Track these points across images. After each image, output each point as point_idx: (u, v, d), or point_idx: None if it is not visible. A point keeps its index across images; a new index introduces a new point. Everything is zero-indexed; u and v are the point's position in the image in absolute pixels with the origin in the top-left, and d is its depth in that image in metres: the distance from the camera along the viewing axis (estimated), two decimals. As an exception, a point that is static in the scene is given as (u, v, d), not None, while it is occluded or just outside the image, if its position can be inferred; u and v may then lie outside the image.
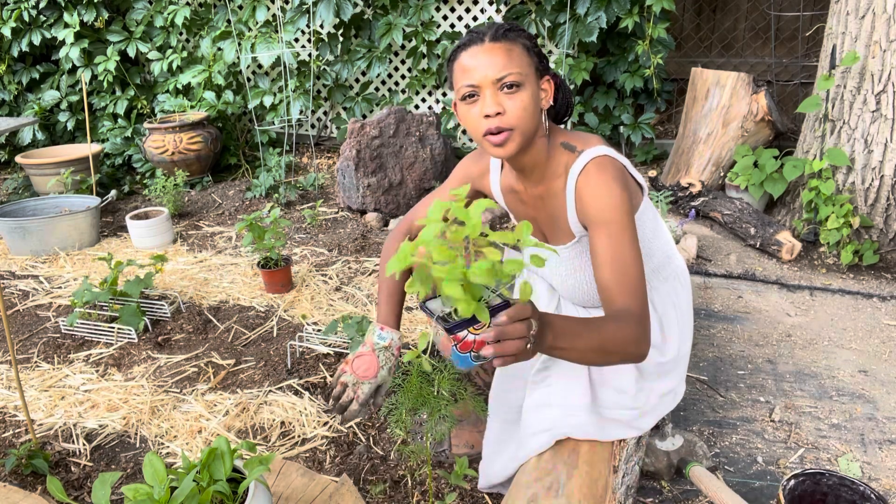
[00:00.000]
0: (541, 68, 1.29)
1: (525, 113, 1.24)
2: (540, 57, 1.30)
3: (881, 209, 2.85)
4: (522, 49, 1.26)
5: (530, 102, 1.24)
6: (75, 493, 1.74)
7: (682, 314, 1.50)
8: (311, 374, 2.19)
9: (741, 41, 4.71)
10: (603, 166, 1.27)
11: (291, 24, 4.05)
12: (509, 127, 1.25)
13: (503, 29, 1.26)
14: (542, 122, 1.31)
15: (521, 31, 1.29)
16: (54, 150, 4.21)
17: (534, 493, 1.30)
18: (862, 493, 1.35)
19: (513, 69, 1.23)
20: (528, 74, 1.25)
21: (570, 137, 1.36)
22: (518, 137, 1.26)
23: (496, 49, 1.24)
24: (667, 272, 1.48)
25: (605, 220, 1.23)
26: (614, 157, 1.31)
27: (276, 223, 2.68)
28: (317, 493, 1.62)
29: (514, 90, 1.24)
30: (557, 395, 1.44)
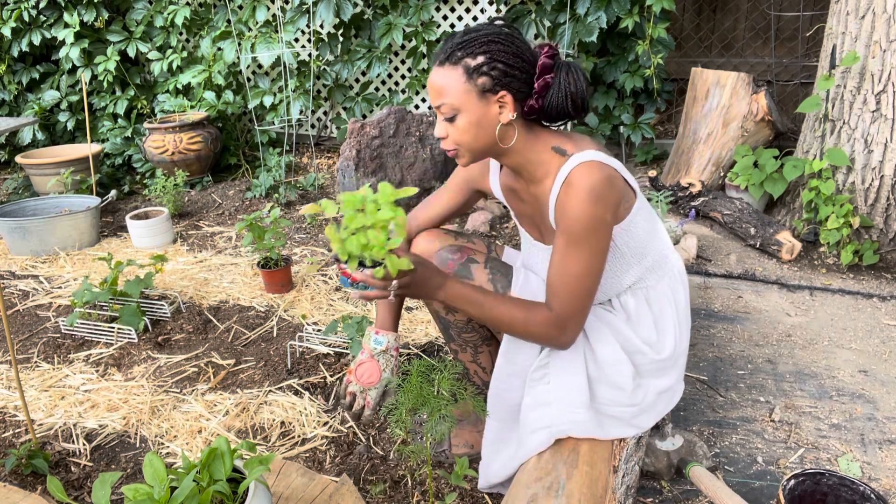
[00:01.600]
0: (493, 86, 1.29)
1: (465, 136, 1.33)
2: (494, 73, 1.28)
3: (881, 209, 2.85)
4: (463, 73, 1.29)
5: (469, 128, 1.31)
6: (75, 493, 1.74)
7: (679, 313, 1.50)
8: (311, 374, 2.19)
9: (741, 41, 4.71)
10: (585, 176, 1.28)
11: (291, 24, 4.05)
12: (453, 148, 1.36)
13: (452, 50, 1.30)
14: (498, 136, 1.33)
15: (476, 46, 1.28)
16: (54, 150, 4.21)
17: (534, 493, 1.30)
18: (862, 493, 1.35)
19: (445, 100, 1.31)
20: (467, 101, 1.29)
21: (561, 140, 1.36)
22: (466, 154, 1.36)
23: (438, 76, 1.32)
24: (662, 271, 1.48)
25: (567, 230, 1.30)
26: (603, 161, 1.29)
27: (276, 223, 2.68)
28: (317, 493, 1.62)
29: (452, 118, 1.32)
30: (555, 392, 1.44)
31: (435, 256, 1.54)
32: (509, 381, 1.49)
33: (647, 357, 1.45)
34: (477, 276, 1.50)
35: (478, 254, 1.54)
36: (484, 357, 1.64)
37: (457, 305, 1.35)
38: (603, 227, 1.29)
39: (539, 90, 1.31)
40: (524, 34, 3.95)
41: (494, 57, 1.28)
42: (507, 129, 1.33)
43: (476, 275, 1.50)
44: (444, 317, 1.59)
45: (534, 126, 1.38)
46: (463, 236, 1.67)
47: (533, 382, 1.46)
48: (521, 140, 1.36)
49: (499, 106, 1.31)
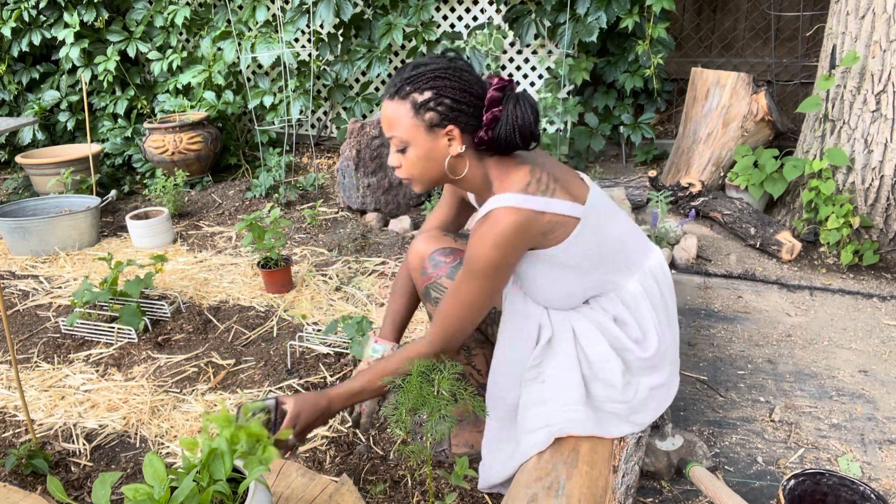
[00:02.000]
0: (440, 120, 1.33)
1: (415, 168, 1.39)
2: (441, 108, 1.32)
3: (881, 209, 2.85)
4: (410, 109, 1.34)
5: (418, 161, 1.38)
6: (75, 493, 1.74)
7: (657, 309, 1.50)
8: (311, 374, 2.19)
9: (741, 41, 4.72)
10: (496, 220, 1.33)
11: (291, 24, 4.05)
12: (405, 178, 1.43)
13: (401, 84, 1.35)
14: (447, 168, 1.39)
15: (424, 81, 1.33)
16: (54, 150, 4.21)
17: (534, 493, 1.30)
18: (862, 493, 1.35)
19: (395, 133, 1.37)
20: (415, 135, 1.35)
21: (497, 174, 1.41)
22: (418, 184, 1.44)
23: (388, 108, 1.38)
24: (629, 270, 1.48)
25: (467, 263, 1.37)
26: (518, 207, 1.32)
27: (276, 223, 2.68)
28: (317, 493, 1.62)
29: (402, 151, 1.39)
30: (551, 390, 1.45)
31: (428, 259, 1.56)
32: (505, 381, 1.50)
33: (635, 355, 1.46)
34: None
35: None
36: (478, 360, 1.64)
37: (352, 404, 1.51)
38: (500, 271, 1.35)
39: (487, 123, 1.34)
40: (524, 34, 3.96)
41: (441, 92, 1.32)
42: (457, 160, 1.39)
43: None
44: None
45: (483, 156, 1.42)
46: (462, 238, 1.67)
47: (528, 382, 1.47)
48: (471, 170, 1.41)
49: (447, 139, 1.35)
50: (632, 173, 3.89)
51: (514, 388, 1.50)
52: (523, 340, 1.47)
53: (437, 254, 1.55)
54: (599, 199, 1.46)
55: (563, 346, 1.46)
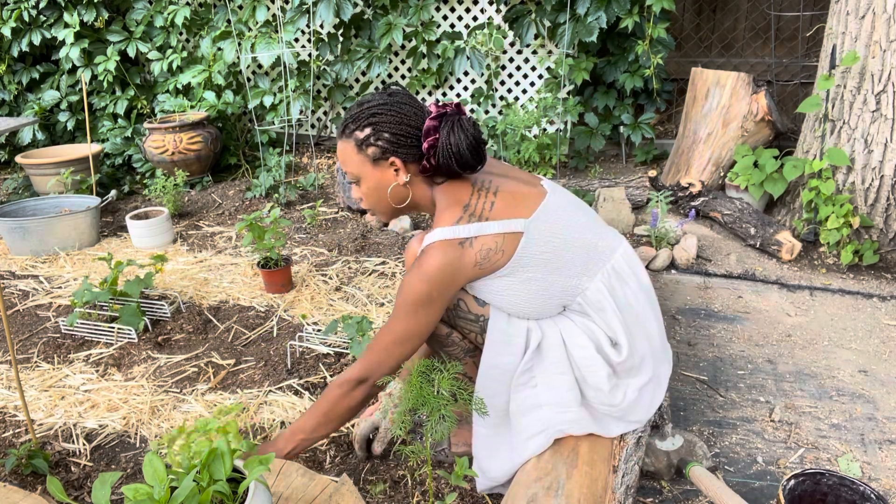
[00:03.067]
0: (381, 154, 1.43)
1: (369, 199, 1.52)
2: (380, 143, 1.42)
3: (881, 209, 2.85)
4: (354, 146, 1.45)
5: (370, 192, 1.50)
6: (75, 493, 1.74)
7: (626, 311, 1.47)
8: (311, 374, 2.19)
9: (741, 41, 4.71)
10: (429, 257, 1.38)
11: (291, 24, 4.05)
12: (367, 208, 1.56)
13: (346, 124, 1.46)
14: (399, 197, 1.49)
15: (362, 120, 1.43)
16: (54, 150, 4.21)
17: (534, 493, 1.30)
18: (862, 493, 1.35)
19: (348, 168, 1.49)
20: (362, 169, 1.47)
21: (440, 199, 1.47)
22: (379, 214, 1.56)
23: (339, 148, 1.50)
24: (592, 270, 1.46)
25: (398, 296, 1.43)
26: (448, 240, 1.37)
27: (276, 223, 2.68)
28: (317, 493, 1.62)
29: (356, 183, 1.52)
30: (544, 394, 1.44)
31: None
32: (494, 385, 1.49)
33: (611, 359, 1.45)
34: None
35: None
36: (469, 367, 1.64)
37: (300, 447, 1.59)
38: (428, 305, 1.40)
39: (426, 151, 1.41)
40: (524, 34, 3.96)
41: (378, 128, 1.42)
42: (403, 189, 1.48)
43: None
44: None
45: (432, 181, 1.50)
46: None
47: (518, 387, 1.47)
48: (422, 196, 1.50)
49: (394, 170, 1.46)
50: (632, 173, 3.90)
51: (503, 393, 1.50)
52: (511, 345, 1.46)
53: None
54: (555, 204, 1.46)
55: (552, 350, 1.45)
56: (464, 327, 1.52)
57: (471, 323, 1.51)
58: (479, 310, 1.49)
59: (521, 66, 4.31)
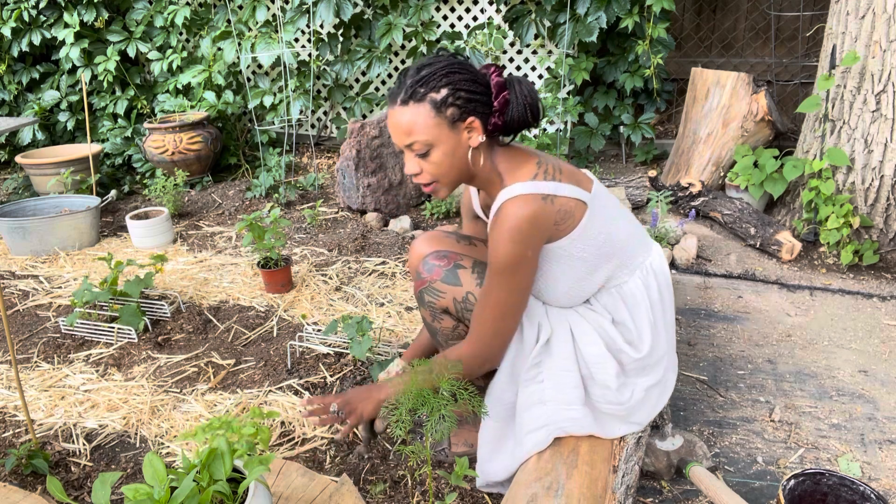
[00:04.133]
0: (461, 114, 1.34)
1: (440, 169, 1.39)
2: (460, 102, 1.33)
3: (881, 209, 2.85)
4: (431, 108, 1.33)
5: (444, 159, 1.37)
6: (75, 493, 1.74)
7: (654, 309, 1.50)
8: (311, 374, 2.19)
9: (741, 41, 4.71)
10: (510, 214, 1.33)
11: (291, 24, 4.05)
12: (429, 182, 1.42)
13: (413, 87, 1.34)
14: (471, 160, 1.39)
15: (437, 80, 1.33)
16: (54, 150, 4.21)
17: (534, 492, 1.30)
18: (862, 493, 1.35)
19: (417, 137, 1.35)
20: (439, 134, 1.34)
21: (504, 163, 1.42)
22: (444, 186, 1.43)
23: (402, 114, 1.35)
24: (632, 266, 1.49)
25: (491, 264, 1.37)
26: (531, 194, 1.33)
27: (276, 223, 2.68)
28: (317, 493, 1.62)
29: (425, 154, 1.37)
30: (550, 390, 1.45)
31: (422, 263, 1.55)
32: (506, 379, 1.50)
33: (629, 356, 1.47)
34: (464, 280, 1.50)
35: (465, 258, 1.54)
36: None
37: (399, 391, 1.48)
38: (523, 265, 1.35)
39: (500, 107, 1.36)
40: (524, 34, 3.96)
41: (457, 86, 1.33)
42: (476, 152, 1.40)
43: (464, 279, 1.50)
44: (430, 324, 1.60)
45: (493, 144, 1.44)
46: (465, 239, 1.67)
47: (526, 382, 1.47)
48: (484, 162, 1.43)
49: (468, 132, 1.37)
50: (632, 173, 3.90)
51: (512, 388, 1.50)
52: (524, 341, 1.47)
53: (432, 257, 1.55)
54: (604, 192, 1.48)
55: (561, 346, 1.46)
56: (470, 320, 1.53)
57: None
58: None
59: (521, 66, 4.31)
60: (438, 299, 1.52)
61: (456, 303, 1.51)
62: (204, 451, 1.27)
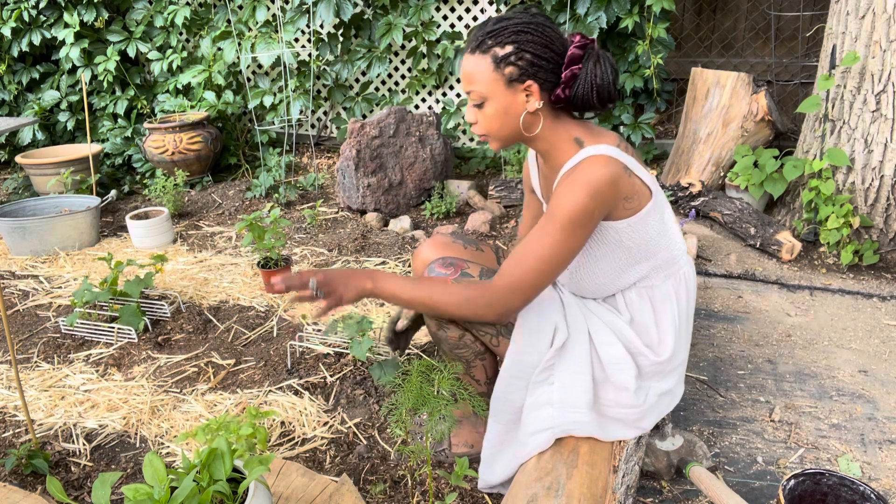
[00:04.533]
0: (519, 75, 1.32)
1: (492, 125, 1.38)
2: (521, 63, 1.30)
3: (881, 209, 2.85)
4: (491, 62, 1.32)
5: (496, 116, 1.36)
6: (75, 493, 1.74)
7: (680, 316, 1.49)
8: (311, 374, 2.19)
9: (741, 41, 4.71)
10: (590, 167, 1.29)
11: (291, 24, 4.05)
12: (481, 134, 1.42)
13: (482, 38, 1.33)
14: (523, 125, 1.37)
15: (505, 36, 1.31)
16: (54, 150, 4.21)
17: (534, 493, 1.30)
18: (862, 493, 1.35)
19: (474, 87, 1.36)
20: (494, 90, 1.34)
21: (583, 132, 1.38)
22: (494, 141, 1.42)
23: (468, 62, 1.36)
24: (668, 272, 1.48)
25: (552, 210, 1.31)
26: (615, 157, 1.31)
27: (276, 223, 2.68)
28: (317, 493, 1.62)
29: (480, 105, 1.37)
30: (558, 392, 1.44)
31: (427, 270, 1.54)
32: (513, 383, 1.48)
33: (648, 359, 1.46)
34: None
35: (472, 266, 1.52)
36: (478, 370, 1.63)
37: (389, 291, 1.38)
38: (586, 222, 1.29)
39: (565, 81, 1.32)
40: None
41: (522, 47, 1.30)
42: (532, 117, 1.37)
43: None
44: (435, 332, 1.57)
45: (560, 114, 1.40)
46: (472, 244, 1.66)
47: (536, 384, 1.46)
48: (546, 128, 1.39)
49: (525, 95, 1.34)
50: (632, 173, 3.89)
51: (521, 390, 1.48)
52: (539, 342, 1.45)
53: (437, 265, 1.53)
54: (660, 190, 1.46)
55: (577, 348, 1.44)
56: (479, 329, 1.50)
57: (487, 325, 1.49)
58: None
59: (521, 66, 4.30)
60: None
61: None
62: (204, 451, 1.27)
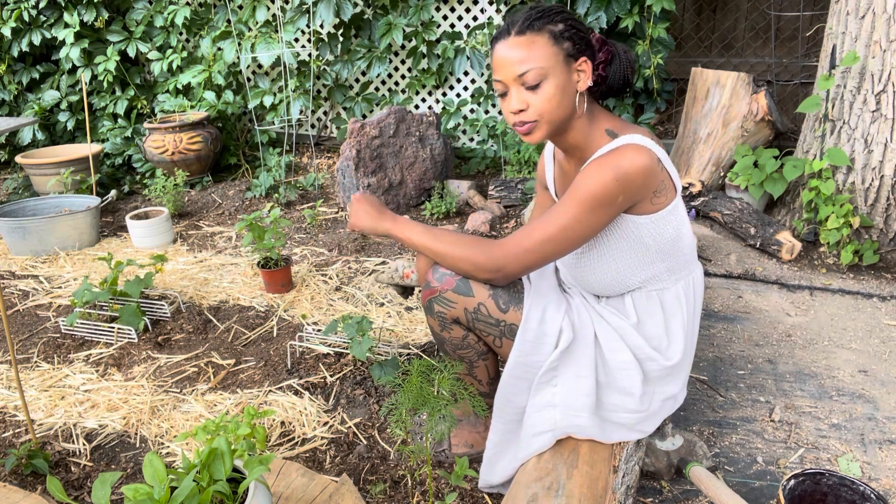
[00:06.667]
0: (575, 51, 1.31)
1: (549, 105, 1.31)
2: (575, 39, 1.31)
3: (881, 209, 2.85)
4: (549, 38, 1.29)
5: (555, 93, 1.30)
6: (75, 493, 1.74)
7: (688, 321, 1.49)
8: (311, 374, 2.19)
9: (741, 41, 4.71)
10: (624, 153, 1.28)
11: (291, 24, 4.05)
12: (533, 120, 1.33)
13: (530, 19, 1.30)
14: (576, 105, 1.34)
15: (553, 15, 1.30)
16: (54, 150, 4.21)
17: (534, 492, 1.30)
18: (862, 493, 1.35)
19: (532, 64, 1.29)
20: (555, 65, 1.29)
21: (616, 124, 1.38)
22: (544, 126, 1.34)
23: (518, 44, 1.30)
24: (680, 275, 1.47)
25: (575, 186, 1.30)
26: (650, 149, 1.30)
27: (276, 223, 2.68)
28: (317, 493, 1.62)
29: (537, 86, 1.30)
30: (560, 395, 1.44)
31: (432, 272, 1.52)
32: (518, 384, 1.48)
33: (657, 363, 1.44)
34: (477, 291, 1.46)
35: None
36: (480, 371, 1.62)
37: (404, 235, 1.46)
38: (608, 204, 1.28)
39: (605, 59, 1.34)
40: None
41: (572, 24, 1.31)
42: (581, 99, 1.35)
43: (476, 290, 1.46)
44: (438, 333, 1.56)
45: (593, 104, 1.40)
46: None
47: (540, 385, 1.46)
48: (585, 115, 1.38)
49: (578, 73, 1.33)
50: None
51: (524, 391, 1.48)
52: (543, 344, 1.44)
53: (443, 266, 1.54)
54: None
55: (582, 351, 1.44)
56: (483, 330, 1.49)
57: (491, 327, 1.48)
58: (500, 315, 1.46)
59: (521, 66, 4.30)
60: (449, 310, 1.47)
61: (467, 313, 1.47)
62: (204, 451, 1.27)
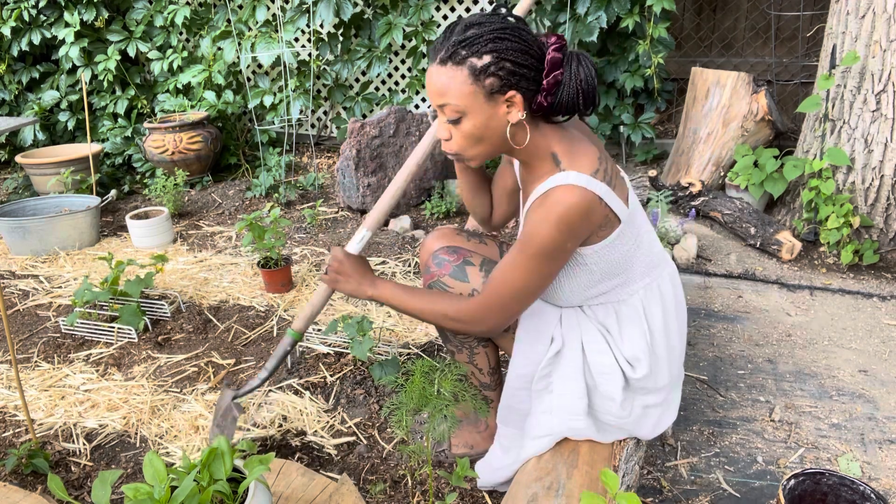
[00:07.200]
0: (500, 86, 1.22)
1: (467, 142, 1.29)
2: (501, 74, 1.21)
3: (881, 209, 2.85)
4: (468, 75, 1.21)
5: (473, 132, 1.27)
6: (75, 492, 1.74)
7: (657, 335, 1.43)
8: (311, 373, 2.19)
9: (741, 41, 4.71)
10: (562, 199, 1.23)
11: (291, 23, 4.05)
12: (455, 151, 1.32)
13: (455, 46, 1.22)
14: (508, 136, 1.28)
15: (481, 45, 1.20)
16: (54, 150, 4.21)
17: (534, 492, 1.30)
18: (862, 493, 1.35)
19: (449, 101, 1.24)
20: (472, 103, 1.23)
21: (563, 148, 1.31)
22: (472, 159, 1.33)
23: (438, 74, 1.24)
24: (633, 288, 1.41)
25: (524, 241, 1.28)
26: (587, 188, 1.24)
27: (276, 223, 2.68)
28: (317, 493, 1.62)
29: (455, 121, 1.27)
30: (556, 400, 1.44)
31: (432, 257, 1.55)
32: (518, 394, 1.50)
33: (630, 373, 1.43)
34: (472, 277, 1.49)
35: (475, 256, 1.53)
36: (480, 358, 1.63)
37: (385, 297, 1.49)
38: (558, 255, 1.27)
39: (548, 87, 1.23)
40: (524, 34, 3.95)
41: (502, 55, 1.20)
42: (516, 128, 1.28)
43: (471, 276, 1.50)
44: None
45: (539, 123, 1.31)
46: (476, 237, 1.66)
47: (538, 393, 1.47)
48: (531, 139, 1.31)
49: (507, 106, 1.25)
50: (632, 173, 3.89)
51: (527, 400, 1.50)
52: (535, 354, 1.45)
53: (442, 252, 1.54)
54: (637, 206, 1.41)
55: (570, 355, 1.44)
56: None
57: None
58: None
59: (521, 66, 4.30)
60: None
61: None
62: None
